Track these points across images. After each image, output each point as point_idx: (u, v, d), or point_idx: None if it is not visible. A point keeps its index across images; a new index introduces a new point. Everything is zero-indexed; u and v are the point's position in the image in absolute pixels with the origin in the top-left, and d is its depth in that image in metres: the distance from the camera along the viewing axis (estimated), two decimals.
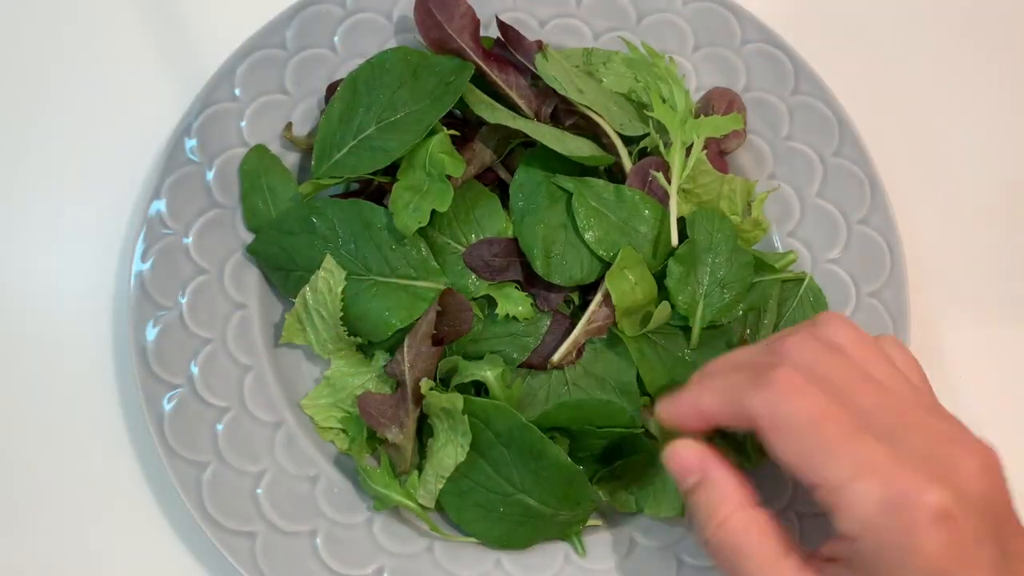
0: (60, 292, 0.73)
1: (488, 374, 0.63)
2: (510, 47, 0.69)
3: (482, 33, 0.69)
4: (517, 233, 0.66)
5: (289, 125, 0.71)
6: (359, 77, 0.67)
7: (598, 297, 0.65)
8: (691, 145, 0.67)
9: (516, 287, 0.66)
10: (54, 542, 0.67)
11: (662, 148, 0.67)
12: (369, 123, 0.66)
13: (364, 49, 0.71)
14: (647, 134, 0.69)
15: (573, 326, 0.65)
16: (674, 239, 0.66)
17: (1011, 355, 0.76)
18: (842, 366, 0.50)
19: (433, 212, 0.63)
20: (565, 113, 0.68)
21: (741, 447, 0.64)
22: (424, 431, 0.65)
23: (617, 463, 0.64)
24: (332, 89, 0.71)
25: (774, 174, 0.72)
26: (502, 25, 0.69)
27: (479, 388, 0.64)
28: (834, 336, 0.52)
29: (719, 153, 0.72)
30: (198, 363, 0.66)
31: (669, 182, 0.66)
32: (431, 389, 0.62)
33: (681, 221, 0.66)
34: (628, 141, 0.69)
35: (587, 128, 0.69)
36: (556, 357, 0.65)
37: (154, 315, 0.66)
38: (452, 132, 0.66)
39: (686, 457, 0.53)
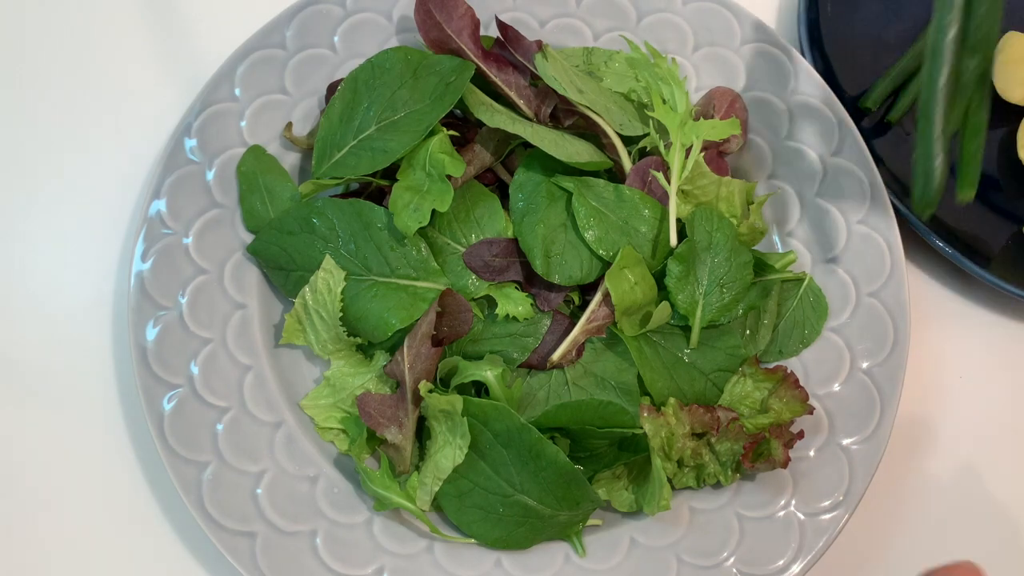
0: (60, 292, 0.73)
1: (488, 374, 0.63)
2: (509, 47, 0.69)
3: (482, 33, 0.68)
4: (517, 233, 0.66)
5: (289, 125, 0.71)
6: (359, 76, 0.67)
7: (598, 296, 0.65)
8: (691, 146, 0.67)
9: (516, 287, 0.66)
10: (54, 541, 0.67)
11: (662, 149, 0.67)
12: (369, 123, 0.66)
13: (364, 49, 0.71)
14: (647, 134, 0.69)
15: (573, 326, 0.65)
16: (673, 239, 0.66)
17: (1009, 354, 0.76)
18: None
19: (433, 212, 0.63)
20: (565, 113, 0.68)
21: (722, 465, 0.64)
22: (422, 433, 0.65)
23: (617, 463, 0.64)
24: (332, 89, 0.71)
25: (774, 174, 0.72)
26: (501, 25, 0.69)
27: (479, 388, 0.64)
28: None
29: (719, 154, 0.72)
30: (198, 363, 0.66)
31: (668, 182, 0.66)
32: (431, 391, 0.62)
33: (680, 222, 0.66)
34: (628, 141, 0.69)
35: (587, 128, 0.69)
36: (556, 356, 0.65)
37: (154, 315, 0.66)
38: (452, 133, 0.66)
39: None
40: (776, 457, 0.62)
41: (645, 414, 0.62)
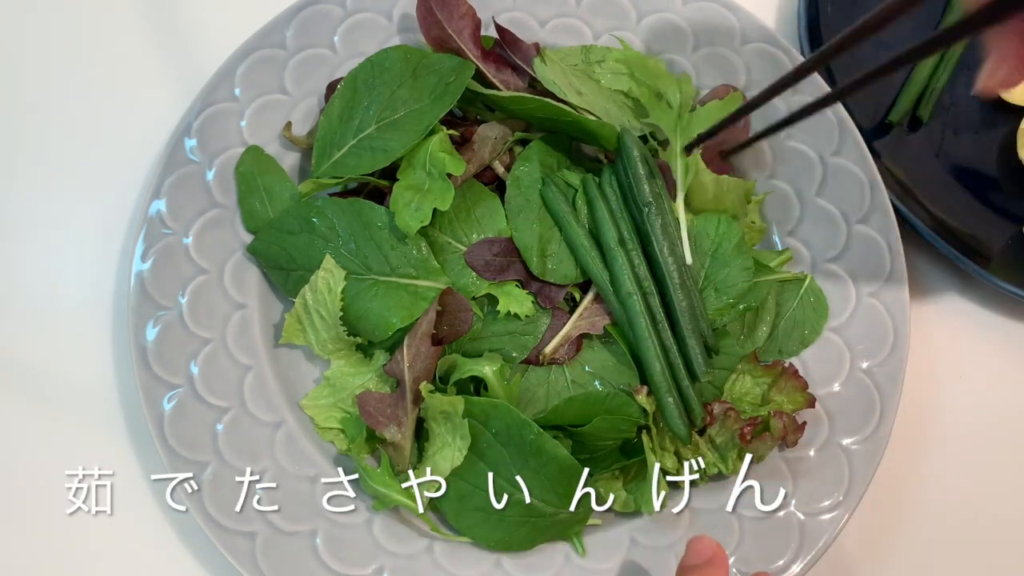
0: (60, 292, 0.73)
1: (487, 370, 0.62)
2: (508, 50, 0.69)
3: (484, 32, 0.68)
4: (512, 231, 0.66)
5: (288, 125, 0.71)
6: (359, 76, 0.67)
7: (591, 293, 0.66)
8: (690, 144, 0.66)
9: (517, 285, 0.66)
10: (54, 542, 0.67)
11: (661, 153, 0.67)
12: (369, 122, 0.66)
13: (364, 49, 0.71)
14: (647, 135, 0.69)
15: None
16: (688, 257, 0.65)
17: (1009, 354, 0.76)
18: None
19: (433, 211, 0.63)
20: None
21: (723, 456, 0.64)
22: (420, 435, 0.65)
23: (616, 465, 0.64)
24: (332, 88, 0.71)
25: (774, 174, 0.72)
26: (500, 29, 0.69)
27: (477, 385, 0.64)
28: None
29: (720, 153, 0.72)
30: (198, 363, 0.66)
31: (670, 184, 0.66)
32: (432, 392, 0.62)
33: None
34: None
35: None
36: (548, 349, 0.65)
37: (154, 315, 0.66)
38: (451, 132, 0.66)
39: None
40: (774, 434, 0.62)
41: (639, 395, 0.62)
